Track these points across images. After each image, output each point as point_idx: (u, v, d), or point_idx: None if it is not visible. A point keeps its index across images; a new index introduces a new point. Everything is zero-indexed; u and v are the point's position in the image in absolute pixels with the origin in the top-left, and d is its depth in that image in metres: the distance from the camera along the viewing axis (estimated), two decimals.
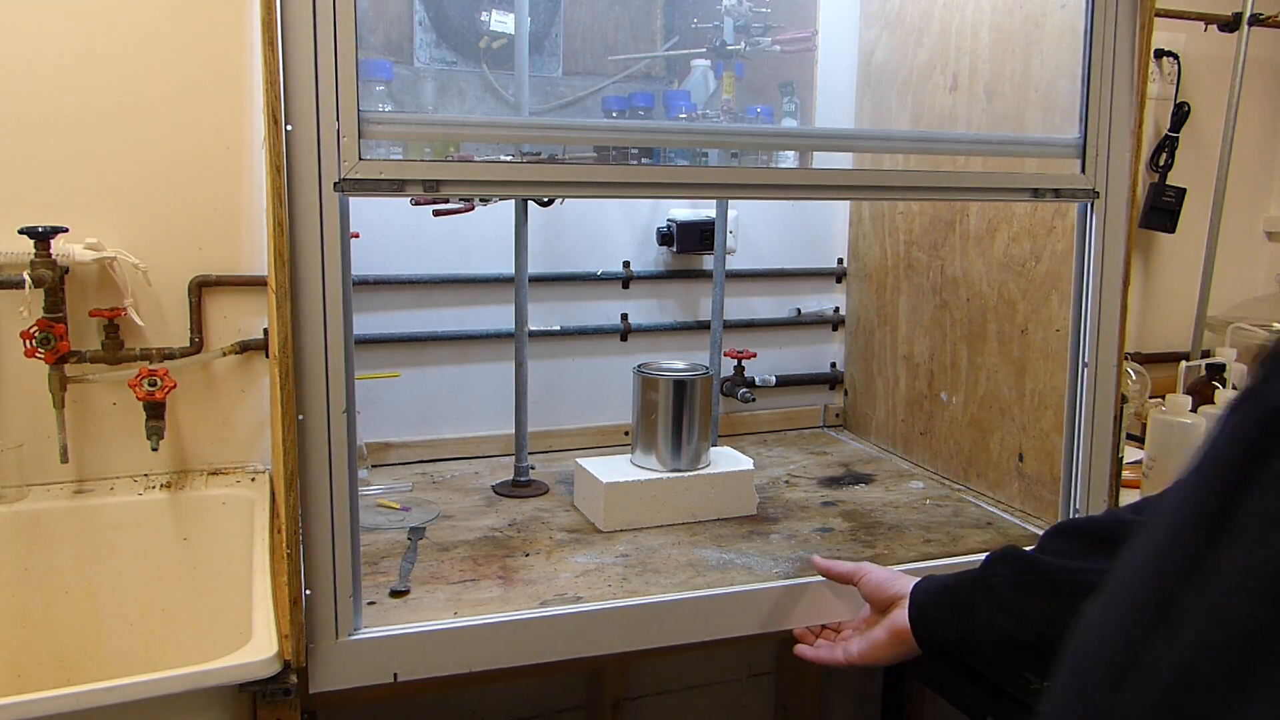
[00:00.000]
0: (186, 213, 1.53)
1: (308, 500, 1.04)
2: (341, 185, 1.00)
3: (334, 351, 1.03)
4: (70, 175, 1.47)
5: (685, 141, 1.35)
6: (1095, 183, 1.31)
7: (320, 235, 1.00)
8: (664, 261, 1.89)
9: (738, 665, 2.07)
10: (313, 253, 1.00)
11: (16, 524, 1.41)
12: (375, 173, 1.01)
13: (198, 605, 1.46)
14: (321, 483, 1.04)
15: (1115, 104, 1.31)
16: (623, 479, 1.45)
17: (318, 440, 1.04)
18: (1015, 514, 1.52)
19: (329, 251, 1.01)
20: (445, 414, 1.77)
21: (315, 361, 1.02)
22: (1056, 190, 1.30)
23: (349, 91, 0.99)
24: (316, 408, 1.03)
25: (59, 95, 1.45)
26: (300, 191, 0.99)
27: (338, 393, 1.04)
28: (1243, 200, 2.30)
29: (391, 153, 1.19)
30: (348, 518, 1.06)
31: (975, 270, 1.62)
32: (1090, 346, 1.34)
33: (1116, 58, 1.30)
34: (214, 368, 1.58)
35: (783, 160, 1.56)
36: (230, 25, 1.51)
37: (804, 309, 2.02)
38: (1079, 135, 1.31)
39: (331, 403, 1.03)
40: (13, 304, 1.43)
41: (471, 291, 1.76)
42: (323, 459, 1.04)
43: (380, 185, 1.01)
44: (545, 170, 1.14)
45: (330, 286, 1.01)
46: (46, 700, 0.93)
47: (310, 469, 1.04)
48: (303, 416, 1.03)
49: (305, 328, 1.01)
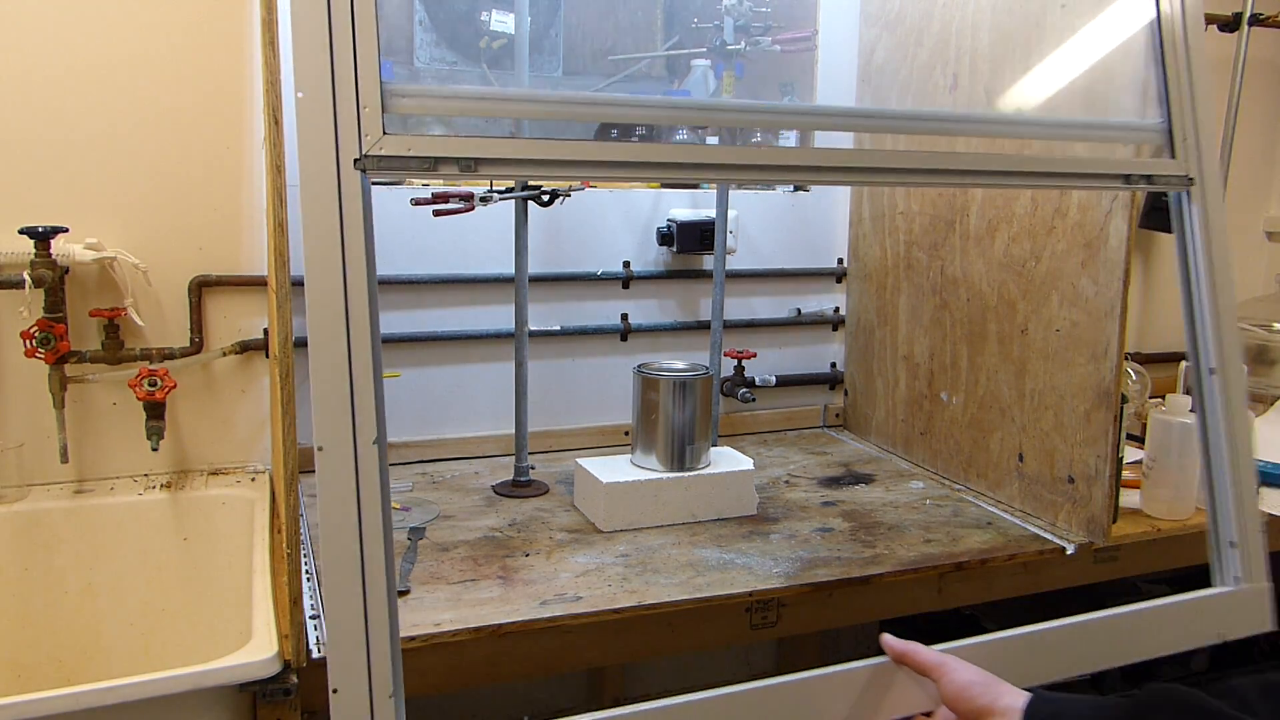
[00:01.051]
0: (186, 213, 1.53)
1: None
2: (363, 163, 0.81)
3: (359, 350, 0.82)
4: (70, 175, 1.47)
5: (707, 119, 1.16)
6: (1189, 169, 1.20)
7: (339, 221, 0.81)
8: (664, 261, 1.89)
9: (738, 665, 2.07)
10: (330, 244, 0.81)
11: (16, 524, 1.41)
12: (404, 148, 0.82)
13: (198, 605, 1.46)
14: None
15: (1196, 86, 1.20)
16: (623, 479, 1.45)
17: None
18: (1015, 514, 1.52)
19: (350, 240, 0.81)
20: (445, 414, 1.77)
21: (335, 363, 0.81)
22: (1149, 177, 1.18)
23: (369, 57, 0.82)
24: (340, 428, 0.82)
25: (60, 96, 1.45)
26: (313, 172, 0.81)
27: (366, 406, 0.82)
28: (1243, 200, 2.30)
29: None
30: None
31: (975, 270, 1.62)
32: (1214, 350, 1.21)
33: (1190, 36, 1.19)
34: (214, 368, 1.58)
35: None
36: (230, 25, 1.51)
37: (804, 309, 2.02)
38: (1162, 120, 1.20)
39: (359, 428, 0.82)
40: (13, 304, 1.43)
41: (471, 291, 1.76)
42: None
43: (409, 164, 0.83)
44: (584, 149, 0.95)
45: (354, 281, 0.81)
46: (46, 700, 0.93)
47: None
48: (322, 447, 0.82)
49: (321, 330, 0.81)
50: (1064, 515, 1.46)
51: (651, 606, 1.19)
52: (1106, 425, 1.38)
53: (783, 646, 2.09)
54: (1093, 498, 1.40)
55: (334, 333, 0.81)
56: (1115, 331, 1.36)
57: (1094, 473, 1.40)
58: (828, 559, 1.34)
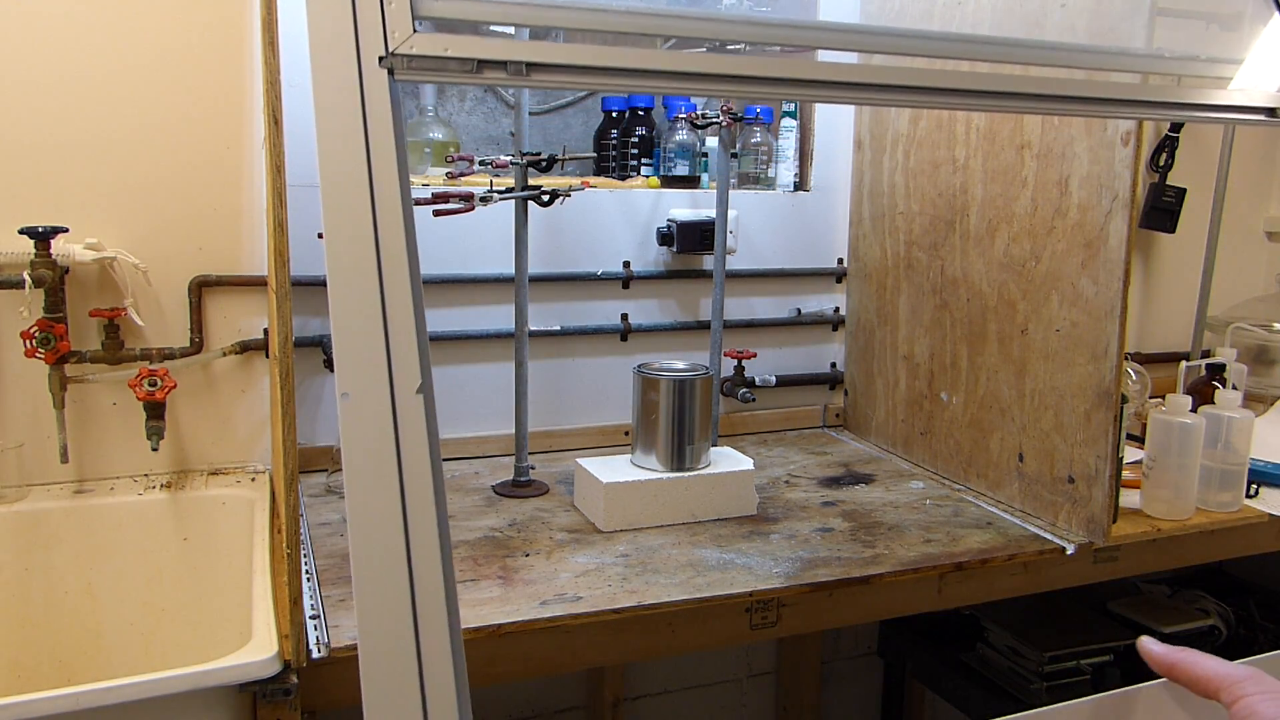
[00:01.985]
0: (186, 213, 1.53)
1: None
2: (389, 61, 0.65)
3: (398, 308, 0.63)
4: (70, 175, 1.47)
5: (789, 37, 1.01)
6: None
7: (364, 127, 0.63)
8: (664, 261, 1.89)
9: (738, 665, 2.07)
10: (355, 152, 0.63)
11: (16, 524, 1.41)
12: (439, 48, 0.67)
13: (198, 605, 1.46)
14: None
15: None
16: (623, 479, 1.45)
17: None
18: (1015, 514, 1.52)
19: (378, 149, 0.63)
20: (445, 414, 1.77)
21: (365, 295, 0.63)
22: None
23: None
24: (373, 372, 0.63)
25: (60, 96, 1.45)
26: (328, 73, 0.63)
27: (405, 347, 0.64)
28: (1243, 200, 2.30)
29: None
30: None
31: (975, 270, 1.62)
32: None
33: None
34: (214, 368, 1.58)
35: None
36: (230, 25, 1.51)
37: (804, 309, 2.02)
38: None
39: (397, 373, 0.64)
40: (13, 304, 1.43)
41: (471, 291, 1.76)
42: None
43: (448, 64, 0.68)
44: (651, 57, 0.79)
45: (384, 198, 0.63)
46: (46, 700, 0.93)
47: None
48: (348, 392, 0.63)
49: (345, 253, 0.62)
50: (1064, 515, 1.46)
51: (651, 606, 1.19)
52: (1106, 425, 1.38)
53: (783, 646, 2.09)
54: (1093, 498, 1.41)
55: (360, 257, 0.62)
56: (1115, 331, 1.36)
57: (1094, 473, 1.40)
58: (828, 559, 1.34)
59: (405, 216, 0.63)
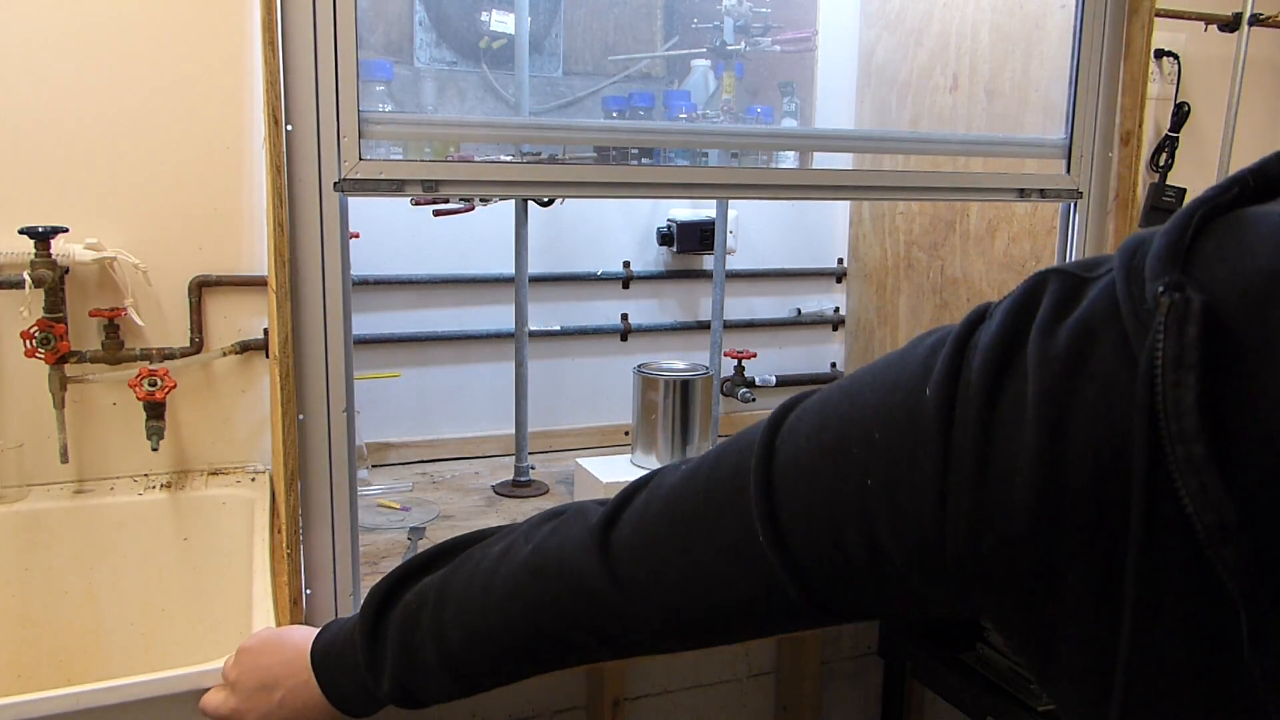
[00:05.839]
0: (186, 213, 1.53)
1: (308, 500, 1.04)
2: (342, 185, 1.01)
3: (334, 351, 1.04)
4: (70, 175, 1.47)
5: (683, 142, 1.35)
6: (1079, 183, 1.33)
7: (320, 235, 1.02)
8: (664, 261, 1.89)
9: (738, 665, 2.07)
10: (313, 252, 1.02)
11: (16, 524, 1.41)
12: (375, 173, 1.02)
13: (198, 605, 1.46)
14: (322, 483, 1.04)
15: (1101, 104, 1.32)
16: (623, 479, 1.45)
17: (318, 440, 1.04)
18: None
19: (329, 251, 1.02)
20: (445, 414, 1.77)
21: (315, 361, 1.04)
22: (1042, 190, 1.32)
23: (349, 92, 1.00)
24: (317, 408, 1.04)
25: (59, 95, 1.45)
26: (300, 191, 1.00)
27: (338, 392, 1.05)
28: None
29: (391, 153, 1.19)
30: (348, 518, 1.06)
31: (975, 270, 1.62)
32: None
33: (1104, 59, 1.32)
34: (214, 368, 1.58)
35: (783, 160, 1.56)
36: (230, 25, 1.51)
37: (804, 309, 2.02)
38: (1065, 136, 1.33)
39: (331, 402, 1.05)
40: (13, 304, 1.43)
41: (471, 291, 1.76)
42: (323, 459, 1.05)
43: (380, 185, 1.03)
44: (545, 170, 1.15)
45: (330, 286, 1.03)
46: (46, 700, 0.93)
47: (310, 469, 1.04)
48: (303, 416, 1.04)
49: (305, 327, 1.03)
50: None
51: None
52: None
53: (782, 646, 2.09)
54: None
55: (314, 323, 1.03)
56: None
57: None
58: None
59: (344, 298, 1.05)
